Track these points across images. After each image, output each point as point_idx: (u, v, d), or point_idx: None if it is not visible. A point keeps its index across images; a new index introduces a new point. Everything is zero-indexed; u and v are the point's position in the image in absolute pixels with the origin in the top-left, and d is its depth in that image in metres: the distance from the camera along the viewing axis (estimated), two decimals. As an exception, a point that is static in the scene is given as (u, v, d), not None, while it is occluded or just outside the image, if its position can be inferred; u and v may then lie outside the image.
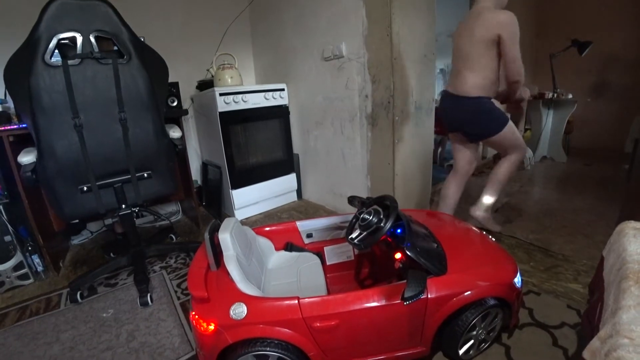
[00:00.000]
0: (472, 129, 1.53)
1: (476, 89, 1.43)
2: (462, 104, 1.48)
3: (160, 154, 1.44)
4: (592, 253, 1.55)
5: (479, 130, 1.52)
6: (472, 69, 1.42)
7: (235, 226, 1.06)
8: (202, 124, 2.49)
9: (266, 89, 2.27)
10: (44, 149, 1.21)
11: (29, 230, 1.63)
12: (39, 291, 1.57)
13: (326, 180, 2.38)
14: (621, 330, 0.54)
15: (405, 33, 1.68)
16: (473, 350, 1.02)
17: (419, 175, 2.02)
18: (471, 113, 1.48)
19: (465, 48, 1.41)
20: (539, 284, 1.37)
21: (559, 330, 1.10)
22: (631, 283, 0.64)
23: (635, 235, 0.80)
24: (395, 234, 0.96)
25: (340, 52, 1.92)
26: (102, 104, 1.26)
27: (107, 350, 1.17)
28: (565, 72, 3.43)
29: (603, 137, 3.68)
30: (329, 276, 1.29)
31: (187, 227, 2.29)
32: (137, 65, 1.29)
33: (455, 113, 1.55)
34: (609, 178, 2.73)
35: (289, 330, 0.86)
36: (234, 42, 2.64)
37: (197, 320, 0.88)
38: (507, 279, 0.97)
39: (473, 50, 1.38)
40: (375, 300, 0.87)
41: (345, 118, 2.04)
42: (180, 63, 2.39)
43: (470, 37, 1.37)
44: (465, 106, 1.47)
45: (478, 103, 1.45)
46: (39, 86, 1.14)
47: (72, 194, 1.30)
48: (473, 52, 1.38)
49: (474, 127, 1.52)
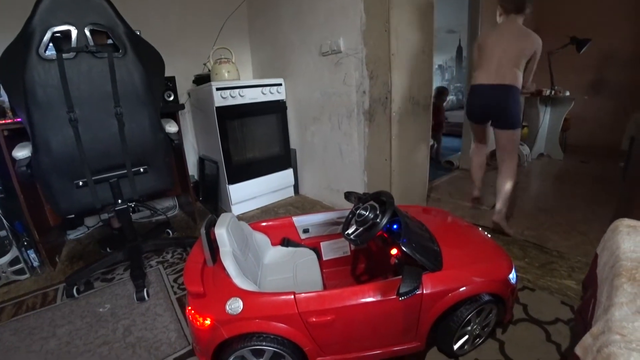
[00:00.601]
0: (504, 114, 1.72)
1: (515, 81, 1.67)
2: (501, 89, 1.69)
3: (156, 149, 1.43)
4: (586, 250, 1.56)
5: (508, 117, 1.72)
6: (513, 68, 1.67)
7: (232, 221, 1.05)
8: (199, 119, 2.48)
9: (263, 83, 2.26)
10: (39, 143, 1.20)
11: (25, 225, 1.63)
12: (35, 286, 1.57)
13: (323, 175, 2.38)
14: (613, 326, 0.55)
15: (404, 28, 1.67)
16: (468, 345, 1.02)
17: (415, 171, 2.02)
18: (506, 98, 1.69)
19: (514, 53, 1.65)
20: (533, 280, 1.38)
21: (553, 326, 1.12)
22: (624, 280, 0.65)
23: (628, 233, 0.80)
24: (392, 229, 0.96)
25: (338, 47, 1.91)
26: (98, 99, 1.25)
27: (103, 345, 1.17)
28: (563, 69, 3.42)
29: (600, 134, 3.69)
30: (325, 271, 1.30)
31: (183, 222, 2.29)
32: (133, 59, 1.28)
33: (490, 100, 1.74)
34: (605, 176, 2.74)
35: (284, 325, 0.86)
36: (231, 36, 2.62)
37: (194, 315, 0.88)
38: (502, 275, 0.98)
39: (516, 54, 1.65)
40: (371, 296, 0.88)
41: (342, 114, 2.04)
42: (176, 57, 2.37)
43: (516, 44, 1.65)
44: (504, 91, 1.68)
45: (515, 91, 1.68)
46: (34, 80, 1.13)
47: (68, 189, 1.30)
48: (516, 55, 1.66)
49: (506, 112, 1.71)
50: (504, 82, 1.67)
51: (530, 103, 3.35)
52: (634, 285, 0.62)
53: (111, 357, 1.12)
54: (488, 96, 1.74)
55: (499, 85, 1.68)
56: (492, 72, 1.71)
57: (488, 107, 1.77)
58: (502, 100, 1.69)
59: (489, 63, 1.71)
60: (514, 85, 1.66)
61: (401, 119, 1.79)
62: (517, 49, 1.64)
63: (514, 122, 1.72)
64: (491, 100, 1.73)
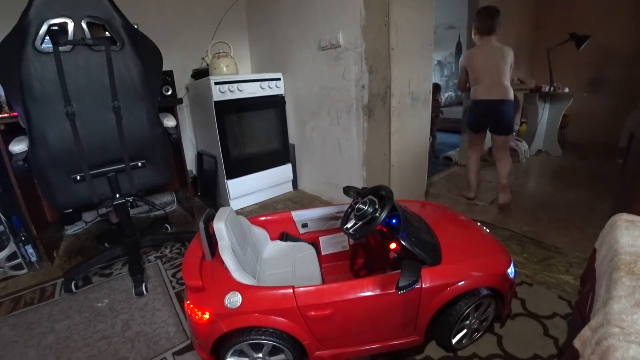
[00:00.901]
0: (502, 123, 2.04)
1: (509, 94, 1.99)
2: (500, 103, 2.00)
3: (154, 143, 1.42)
4: (584, 246, 1.57)
5: (505, 125, 2.04)
6: (505, 82, 1.99)
7: (230, 216, 1.05)
8: (197, 114, 2.47)
9: (262, 78, 2.24)
10: (36, 137, 1.19)
11: (22, 220, 1.62)
12: (33, 281, 1.57)
13: (322, 170, 2.38)
14: (612, 319, 0.55)
15: (403, 23, 1.66)
16: (466, 339, 1.03)
17: (414, 166, 2.02)
18: (505, 110, 2.01)
19: (500, 67, 1.97)
20: (531, 275, 1.38)
21: (551, 320, 1.12)
22: (622, 274, 0.65)
23: (627, 227, 0.80)
24: (391, 224, 0.96)
25: (337, 42, 1.90)
26: (95, 92, 1.24)
27: (102, 340, 1.17)
28: (562, 65, 3.42)
29: (598, 131, 3.69)
30: (324, 266, 1.30)
31: (182, 217, 2.29)
32: (131, 53, 1.27)
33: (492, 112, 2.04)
34: (603, 172, 2.75)
35: (283, 319, 0.86)
36: (229, 31, 2.60)
37: (192, 309, 0.88)
38: (500, 270, 0.98)
39: (505, 68, 1.98)
40: (369, 290, 0.88)
41: (341, 108, 2.03)
42: (174, 51, 2.36)
43: (502, 60, 1.97)
44: (502, 104, 2.00)
45: (510, 103, 2.01)
46: (30, 73, 1.11)
47: (65, 184, 1.29)
48: (505, 70, 1.98)
49: (504, 121, 2.03)
50: (501, 97, 1.99)
51: (529, 99, 3.35)
52: (633, 279, 0.63)
53: (110, 351, 1.12)
54: (489, 109, 2.04)
55: (498, 100, 2.00)
56: (489, 88, 2.01)
57: (489, 119, 2.07)
58: (501, 112, 2.01)
59: (485, 80, 2.02)
60: (509, 99, 1.99)
61: (400, 114, 1.79)
62: (504, 64, 1.97)
63: (510, 129, 2.07)
64: (492, 113, 2.04)
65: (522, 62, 3.75)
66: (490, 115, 2.05)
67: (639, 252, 0.70)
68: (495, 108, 2.01)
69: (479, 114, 2.10)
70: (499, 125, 2.05)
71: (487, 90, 2.01)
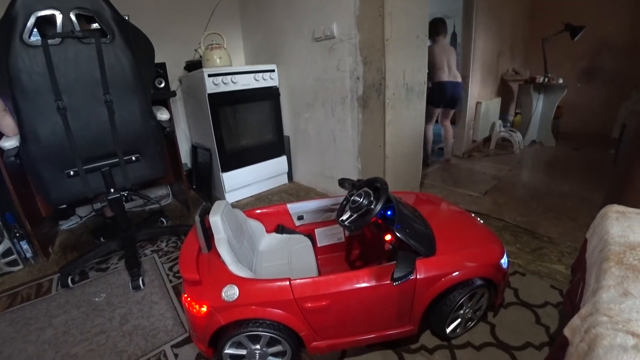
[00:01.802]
0: (459, 101, 2.77)
1: (460, 78, 2.74)
2: (458, 85, 2.71)
3: (148, 137, 1.41)
4: (576, 235, 1.59)
5: (459, 102, 2.79)
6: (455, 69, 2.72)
7: (226, 209, 1.05)
8: (190, 106, 2.45)
9: (256, 69, 2.22)
10: (27, 132, 1.17)
11: (16, 216, 1.61)
12: (29, 277, 1.56)
13: (317, 162, 2.37)
14: (601, 308, 0.56)
15: (398, 13, 1.65)
16: (460, 328, 1.05)
17: (409, 157, 2.02)
18: (461, 90, 2.74)
19: (452, 59, 2.68)
20: (524, 265, 1.41)
21: (542, 309, 1.15)
22: (612, 264, 0.66)
23: (617, 218, 0.82)
24: (386, 216, 0.97)
25: (331, 33, 1.88)
26: (86, 86, 1.22)
27: (100, 334, 1.18)
28: (556, 56, 3.42)
29: (592, 122, 3.72)
30: (319, 258, 1.31)
31: (177, 211, 2.28)
32: (121, 45, 1.25)
33: (455, 92, 2.70)
34: (596, 163, 2.78)
35: (280, 311, 0.87)
36: (222, 22, 2.56)
37: (190, 302, 0.88)
38: (493, 260, 1.00)
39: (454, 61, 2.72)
40: (365, 281, 0.89)
41: (336, 100, 2.02)
42: (167, 43, 2.32)
43: (452, 55, 2.70)
44: (459, 85, 2.72)
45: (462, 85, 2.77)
46: (18, 67, 1.09)
47: (59, 179, 1.28)
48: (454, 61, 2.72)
49: (460, 99, 2.77)
50: (458, 79, 2.69)
51: (524, 90, 3.36)
52: (621, 269, 0.64)
53: (108, 345, 1.12)
54: (452, 88, 2.68)
55: (457, 82, 2.69)
56: (448, 73, 2.66)
57: (451, 96, 2.70)
58: (459, 92, 2.72)
59: (444, 67, 2.65)
60: (461, 82, 2.72)
61: (395, 105, 1.78)
62: (453, 57, 2.69)
63: (460, 105, 2.85)
64: (454, 92, 2.70)
65: (517, 53, 3.75)
66: (454, 94, 2.70)
67: (628, 242, 0.71)
68: (456, 88, 2.68)
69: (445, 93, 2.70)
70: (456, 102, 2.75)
71: (447, 74, 2.66)
